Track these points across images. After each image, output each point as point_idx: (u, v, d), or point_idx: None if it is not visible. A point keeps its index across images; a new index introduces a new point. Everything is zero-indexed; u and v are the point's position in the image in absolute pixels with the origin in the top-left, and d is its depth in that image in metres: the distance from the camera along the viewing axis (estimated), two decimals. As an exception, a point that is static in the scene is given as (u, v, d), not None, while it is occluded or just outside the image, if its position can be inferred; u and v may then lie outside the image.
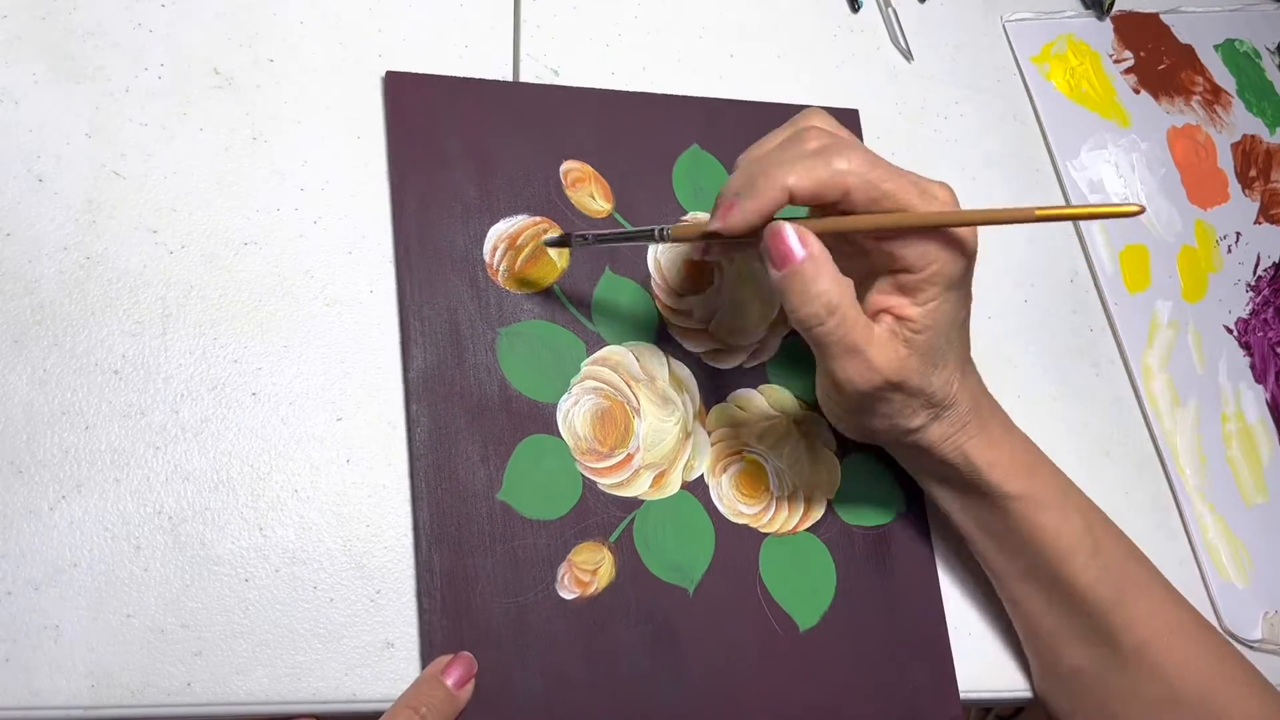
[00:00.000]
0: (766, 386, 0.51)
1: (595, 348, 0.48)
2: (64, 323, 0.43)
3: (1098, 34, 0.69)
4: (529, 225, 0.49)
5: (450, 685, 0.40)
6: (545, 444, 0.46)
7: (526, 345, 0.47)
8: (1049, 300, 0.60)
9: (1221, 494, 0.58)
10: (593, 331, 0.48)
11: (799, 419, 0.50)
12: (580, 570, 0.44)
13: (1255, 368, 0.63)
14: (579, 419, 0.47)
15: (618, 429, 0.47)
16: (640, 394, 0.48)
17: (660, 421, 0.48)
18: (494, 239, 0.48)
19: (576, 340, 0.48)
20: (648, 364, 0.49)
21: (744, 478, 0.49)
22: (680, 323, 0.50)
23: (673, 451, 0.48)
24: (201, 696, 0.40)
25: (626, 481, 0.47)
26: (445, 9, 0.54)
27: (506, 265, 0.48)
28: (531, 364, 0.47)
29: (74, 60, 0.47)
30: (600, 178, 0.51)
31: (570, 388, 0.47)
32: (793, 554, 0.48)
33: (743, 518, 0.48)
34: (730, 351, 0.51)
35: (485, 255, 0.48)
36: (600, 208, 0.50)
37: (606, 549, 0.45)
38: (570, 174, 0.50)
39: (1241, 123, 0.70)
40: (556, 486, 0.45)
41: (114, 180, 0.45)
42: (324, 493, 0.43)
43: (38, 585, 0.39)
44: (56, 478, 0.41)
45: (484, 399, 0.45)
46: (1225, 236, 0.66)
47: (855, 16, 0.63)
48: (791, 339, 0.52)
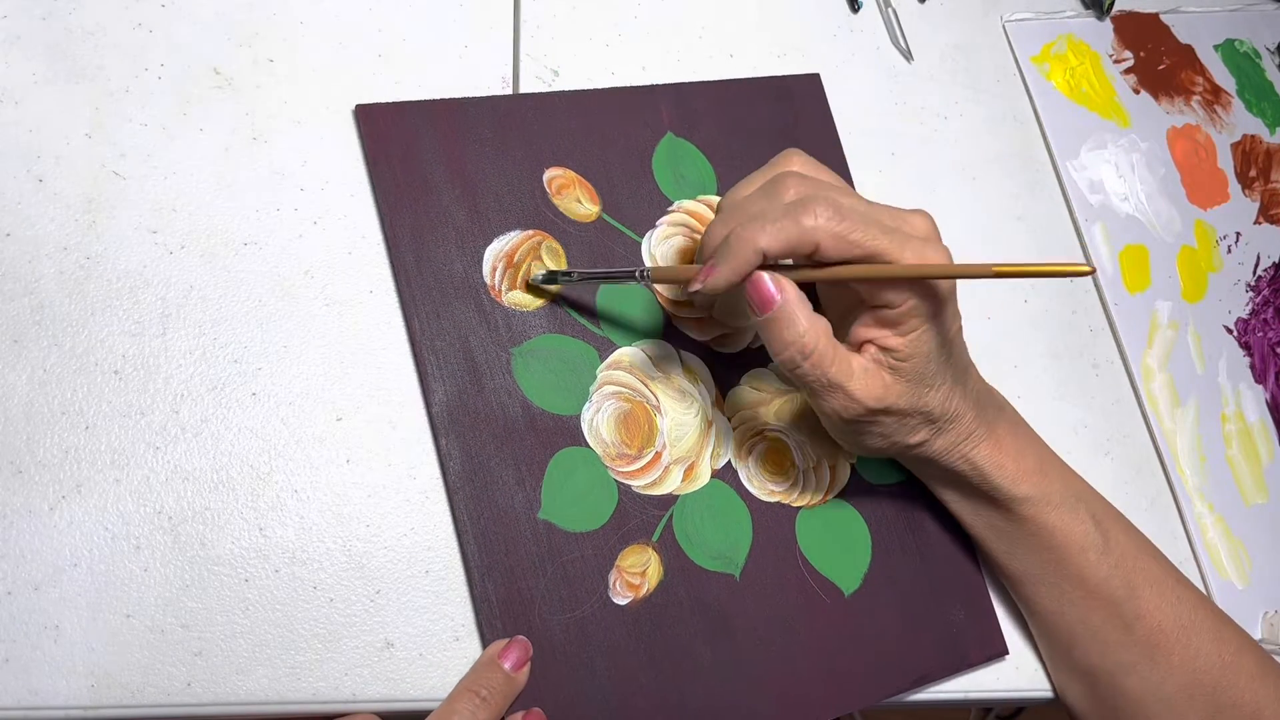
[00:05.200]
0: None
1: (607, 352, 0.48)
2: (64, 323, 0.43)
3: (1098, 34, 0.69)
4: (523, 240, 0.49)
5: (508, 668, 0.42)
6: (576, 456, 0.46)
7: (541, 361, 0.47)
8: (1049, 300, 0.60)
9: (1221, 494, 0.58)
10: (602, 337, 0.49)
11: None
12: (629, 575, 0.45)
13: (1255, 368, 0.63)
14: (604, 425, 0.47)
15: (642, 430, 0.48)
16: (658, 391, 0.48)
17: (681, 415, 0.48)
18: (491, 259, 0.48)
19: (588, 348, 0.48)
20: (660, 360, 0.49)
21: (769, 456, 0.49)
22: (684, 314, 0.50)
23: (698, 443, 0.48)
24: (201, 696, 0.40)
25: (659, 480, 0.47)
26: (445, 9, 0.54)
27: (508, 284, 0.48)
28: (549, 379, 0.47)
29: (74, 60, 0.47)
30: (584, 181, 0.51)
31: (590, 396, 0.47)
32: (827, 523, 0.49)
33: (774, 495, 0.49)
34: (737, 334, 0.51)
35: (485, 277, 0.48)
36: (588, 211, 0.50)
37: (651, 549, 0.46)
38: (554, 181, 0.50)
39: (1241, 123, 0.70)
40: (593, 497, 0.46)
41: (114, 180, 0.45)
42: (324, 493, 0.44)
43: (38, 585, 0.39)
44: (56, 478, 0.41)
45: (509, 422, 0.46)
46: (1225, 236, 0.66)
47: (855, 16, 0.63)
48: None
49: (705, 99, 0.55)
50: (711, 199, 0.53)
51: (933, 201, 0.60)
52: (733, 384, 0.50)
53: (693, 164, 0.53)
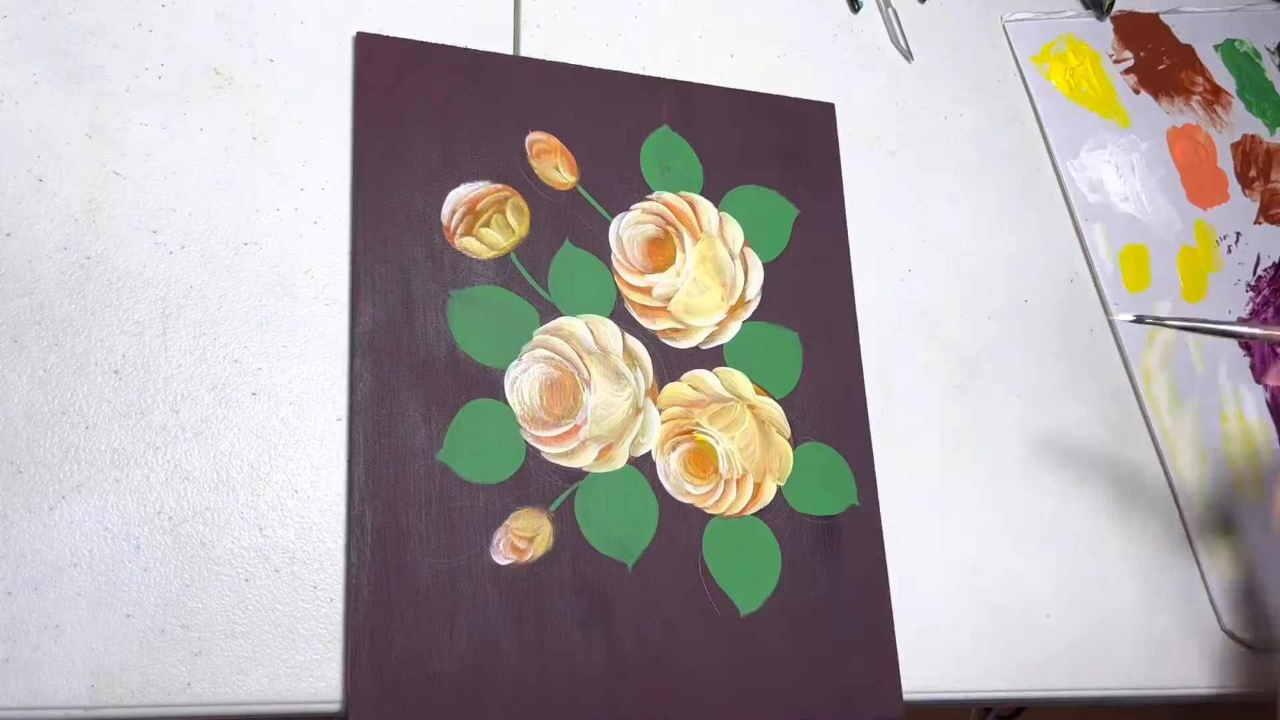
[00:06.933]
0: (723, 369, 0.51)
1: (549, 318, 0.48)
2: (64, 323, 0.43)
3: (1098, 34, 0.69)
4: (490, 192, 0.49)
5: None
6: (490, 409, 0.46)
7: (479, 309, 0.47)
8: (1049, 300, 0.60)
9: (1221, 494, 0.58)
10: (548, 302, 0.48)
11: (753, 404, 0.51)
12: (517, 536, 0.44)
13: (1255, 368, 0.63)
14: (527, 386, 0.47)
15: (566, 399, 0.47)
16: (592, 367, 0.48)
17: (611, 395, 0.48)
18: (454, 202, 0.48)
19: (531, 308, 0.48)
20: (602, 337, 0.49)
21: (693, 457, 0.49)
22: (639, 299, 0.50)
23: (621, 426, 0.48)
24: (201, 696, 0.40)
25: (572, 452, 0.47)
26: (445, 9, 0.54)
27: (464, 229, 0.48)
28: (483, 328, 0.47)
29: (74, 60, 0.47)
30: (566, 150, 0.51)
31: (521, 355, 0.47)
32: (738, 537, 0.48)
33: (689, 497, 0.48)
34: (688, 332, 0.51)
35: (444, 218, 0.48)
36: (564, 180, 0.50)
37: (546, 517, 0.45)
38: (536, 145, 0.50)
39: (1241, 123, 0.70)
40: (499, 452, 0.45)
41: (114, 180, 0.45)
42: (324, 493, 0.43)
43: (38, 585, 0.39)
44: (56, 478, 0.41)
45: (430, 359, 0.45)
46: (1225, 236, 0.66)
47: (855, 16, 0.63)
48: (751, 323, 0.52)
49: (710, 103, 0.55)
50: (694, 196, 0.53)
51: (933, 201, 0.60)
52: (672, 379, 0.50)
53: (682, 160, 0.53)
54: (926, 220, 0.59)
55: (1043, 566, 0.53)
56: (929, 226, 0.59)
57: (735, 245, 0.53)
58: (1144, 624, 0.54)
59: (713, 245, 0.53)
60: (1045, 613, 0.52)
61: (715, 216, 0.53)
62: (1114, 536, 0.55)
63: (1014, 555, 0.53)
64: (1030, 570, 0.53)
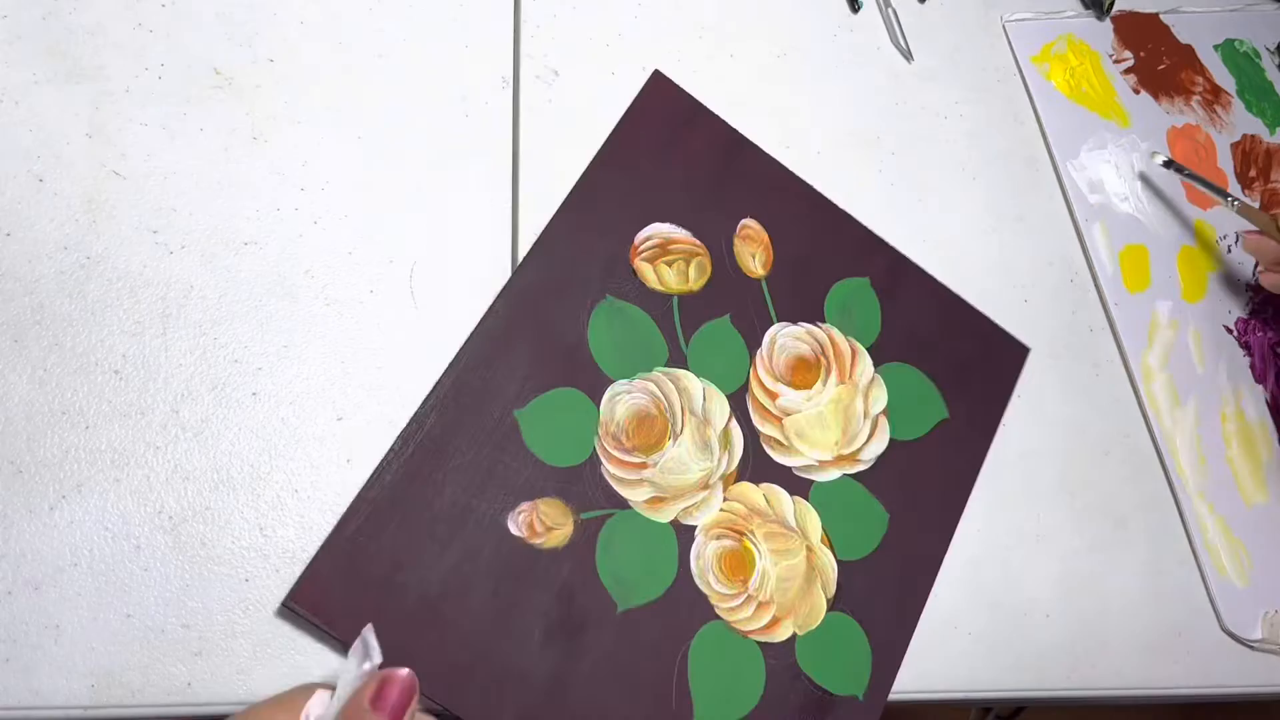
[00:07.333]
0: (802, 502, 0.49)
1: (675, 364, 0.49)
2: (64, 323, 0.43)
3: (1098, 34, 0.69)
4: (687, 242, 0.51)
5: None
6: (582, 403, 0.47)
7: (621, 322, 0.49)
8: (1049, 300, 0.60)
9: (1221, 494, 0.58)
10: (682, 353, 0.49)
11: (813, 548, 0.49)
12: (539, 518, 0.45)
13: (1255, 368, 0.63)
14: (623, 407, 0.47)
15: (649, 438, 0.48)
16: (688, 425, 0.48)
17: (690, 459, 0.48)
18: (652, 231, 0.51)
19: (664, 347, 0.49)
20: (711, 407, 0.49)
21: (732, 556, 0.47)
22: (762, 399, 0.50)
23: (683, 489, 0.48)
24: (201, 696, 0.40)
25: (628, 483, 0.47)
26: (445, 8, 0.54)
27: (648, 256, 0.50)
28: (615, 338, 0.48)
29: (74, 60, 0.47)
30: (770, 248, 0.53)
31: (634, 378, 0.48)
32: (729, 653, 0.46)
33: (708, 587, 0.46)
34: (789, 451, 0.50)
35: (637, 238, 0.50)
36: (755, 269, 0.52)
37: (573, 520, 0.45)
38: (746, 229, 0.53)
39: (1241, 123, 0.70)
40: (569, 440, 0.46)
41: (114, 180, 0.45)
42: (324, 493, 0.43)
43: (38, 585, 0.39)
44: (56, 478, 0.41)
45: (558, 336, 0.47)
46: (1225, 236, 0.66)
47: (855, 16, 0.63)
48: (850, 480, 0.51)
49: (917, 285, 0.56)
50: (859, 346, 0.53)
51: (933, 201, 0.60)
52: (753, 480, 0.49)
53: (867, 313, 0.54)
54: (926, 220, 0.59)
55: (1042, 566, 0.53)
56: (929, 226, 0.59)
57: (873, 408, 0.52)
58: (1144, 624, 0.54)
59: (853, 395, 0.52)
60: (1045, 612, 0.52)
61: (869, 374, 0.53)
62: (1114, 536, 0.55)
63: (1014, 555, 0.53)
64: (1030, 570, 0.53)
